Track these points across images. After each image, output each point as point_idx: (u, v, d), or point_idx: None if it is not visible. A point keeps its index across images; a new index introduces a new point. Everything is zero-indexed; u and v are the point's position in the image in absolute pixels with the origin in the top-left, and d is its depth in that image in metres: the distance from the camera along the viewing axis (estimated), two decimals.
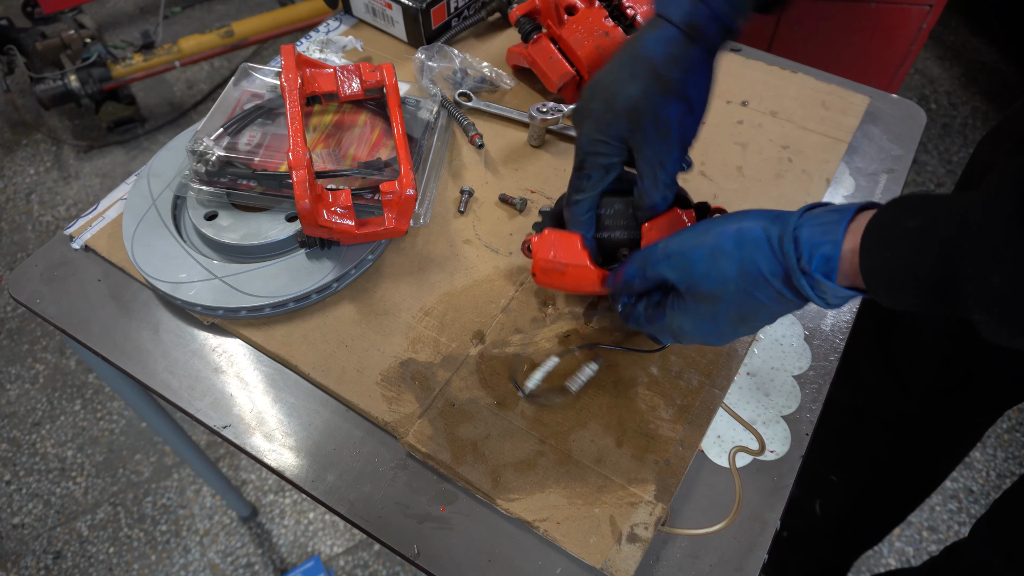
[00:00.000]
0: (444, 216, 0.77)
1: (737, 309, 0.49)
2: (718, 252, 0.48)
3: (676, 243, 0.51)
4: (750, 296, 0.48)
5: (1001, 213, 0.36)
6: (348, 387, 0.64)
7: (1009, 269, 0.36)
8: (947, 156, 2.14)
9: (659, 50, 0.54)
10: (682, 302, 0.52)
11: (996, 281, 0.36)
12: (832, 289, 0.44)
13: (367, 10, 0.99)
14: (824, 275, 0.44)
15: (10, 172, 2.14)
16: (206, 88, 2.36)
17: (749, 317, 0.49)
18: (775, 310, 0.48)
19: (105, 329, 0.70)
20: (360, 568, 1.40)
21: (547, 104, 0.83)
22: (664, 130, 0.55)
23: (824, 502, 1.14)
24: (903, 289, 0.41)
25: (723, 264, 0.48)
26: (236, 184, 0.71)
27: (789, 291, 0.46)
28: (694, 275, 0.50)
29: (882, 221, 0.42)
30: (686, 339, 0.55)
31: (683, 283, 0.51)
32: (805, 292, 0.45)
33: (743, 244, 0.47)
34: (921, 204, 0.41)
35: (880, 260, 0.42)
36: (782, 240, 0.45)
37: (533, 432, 0.61)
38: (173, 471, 1.54)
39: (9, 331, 1.78)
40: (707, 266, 0.49)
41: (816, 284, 0.44)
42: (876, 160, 0.85)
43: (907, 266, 0.40)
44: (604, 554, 0.54)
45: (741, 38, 0.98)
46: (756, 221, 0.48)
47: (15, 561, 1.44)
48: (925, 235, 0.40)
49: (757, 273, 0.47)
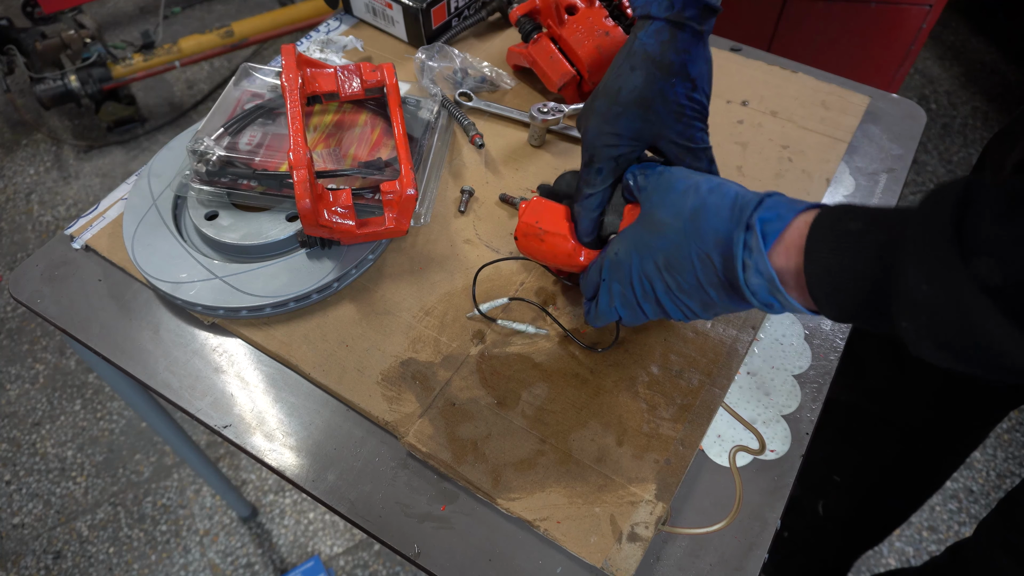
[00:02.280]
0: (444, 216, 0.77)
1: (667, 252, 0.50)
2: (692, 189, 0.50)
3: (673, 169, 0.54)
4: (684, 244, 0.48)
5: (938, 225, 0.36)
6: (348, 387, 0.64)
7: (938, 281, 0.36)
8: (947, 156, 2.14)
9: (651, 41, 0.56)
10: (632, 227, 0.53)
11: (925, 291, 0.36)
12: (759, 254, 0.44)
13: (367, 10, 0.99)
14: (763, 235, 0.44)
15: (10, 172, 2.14)
16: (206, 88, 2.36)
17: (674, 268, 0.50)
18: (698, 275, 0.48)
19: (105, 329, 0.70)
20: (360, 568, 1.40)
21: (547, 104, 0.83)
22: (678, 110, 0.57)
23: (827, 502, 1.14)
24: (843, 295, 0.42)
25: (688, 198, 0.49)
26: (237, 184, 0.71)
27: (718, 256, 0.46)
28: (665, 197, 0.51)
29: (824, 223, 0.43)
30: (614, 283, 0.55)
31: (653, 199, 0.52)
32: (734, 248, 0.45)
33: (715, 191, 0.49)
34: (864, 210, 0.42)
35: (822, 263, 0.42)
36: (749, 200, 0.47)
37: (533, 431, 0.61)
38: (173, 471, 1.54)
39: (9, 331, 1.78)
40: (676, 195, 0.50)
41: (751, 242, 0.44)
42: (876, 160, 0.85)
43: (846, 269, 0.41)
44: (604, 553, 0.54)
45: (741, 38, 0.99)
46: (740, 186, 0.49)
47: (15, 561, 1.44)
48: (864, 238, 0.40)
49: (705, 223, 0.47)
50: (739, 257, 0.45)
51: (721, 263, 0.47)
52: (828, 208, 0.44)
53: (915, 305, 0.37)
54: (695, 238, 0.48)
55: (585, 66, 0.83)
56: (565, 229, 0.60)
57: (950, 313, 0.36)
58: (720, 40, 0.99)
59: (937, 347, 0.38)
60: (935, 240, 0.36)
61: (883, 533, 1.18)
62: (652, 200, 0.52)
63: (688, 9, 0.55)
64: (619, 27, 0.83)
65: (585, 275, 0.60)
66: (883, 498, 1.10)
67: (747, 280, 0.45)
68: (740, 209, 0.46)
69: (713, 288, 0.48)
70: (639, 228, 0.53)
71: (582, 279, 0.61)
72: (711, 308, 0.51)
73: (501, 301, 0.68)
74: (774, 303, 0.46)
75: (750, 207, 0.46)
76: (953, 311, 0.36)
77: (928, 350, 0.39)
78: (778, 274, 0.44)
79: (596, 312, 0.58)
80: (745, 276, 0.45)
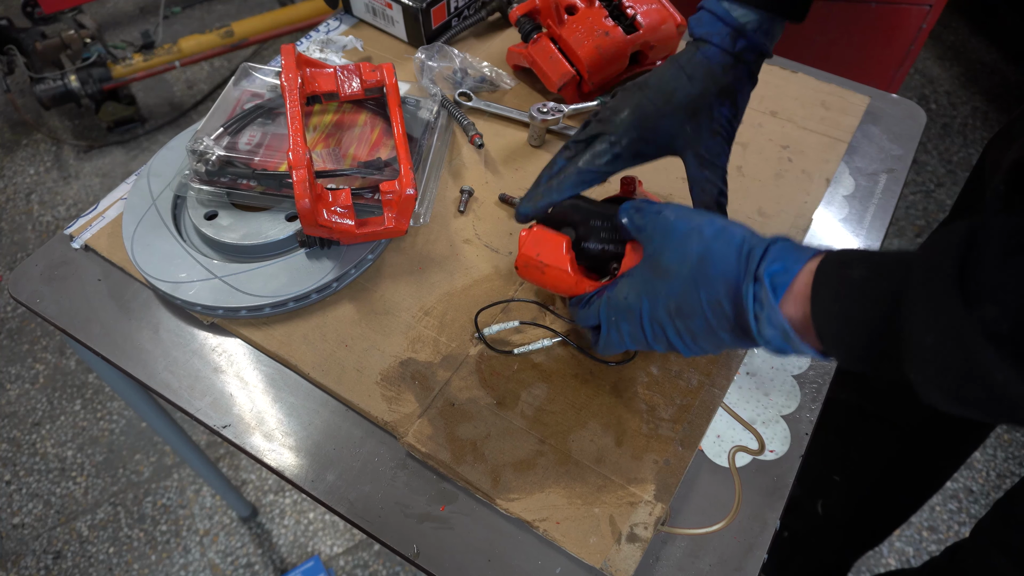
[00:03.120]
0: (444, 216, 0.77)
1: (678, 298, 0.49)
2: (695, 233, 0.49)
3: (671, 210, 0.52)
4: (695, 290, 0.48)
5: (941, 273, 0.36)
6: (348, 387, 0.64)
7: (942, 330, 0.35)
8: (947, 156, 2.14)
9: (714, 61, 0.58)
10: (638, 269, 0.53)
11: (930, 341, 0.36)
12: (771, 307, 0.43)
13: (367, 10, 0.99)
14: (772, 287, 0.44)
15: (10, 172, 2.14)
16: (206, 88, 2.36)
17: (684, 315, 0.49)
18: (709, 321, 0.48)
19: (105, 329, 0.70)
20: (360, 568, 1.40)
21: (547, 104, 0.83)
22: (716, 128, 0.58)
23: (826, 502, 1.14)
24: (851, 343, 0.41)
25: (692, 244, 0.49)
26: (236, 184, 0.71)
27: (728, 303, 0.46)
28: (667, 242, 0.50)
29: (828, 271, 0.42)
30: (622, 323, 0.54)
31: (654, 243, 0.51)
32: (745, 301, 0.44)
33: (719, 236, 0.48)
34: (867, 256, 0.42)
35: (828, 313, 0.42)
36: (755, 247, 0.46)
37: (533, 432, 0.61)
38: (173, 471, 1.54)
39: (9, 331, 1.78)
40: (679, 240, 0.50)
41: (761, 295, 0.44)
42: (876, 160, 0.85)
43: (852, 318, 0.40)
44: (604, 554, 0.54)
45: None
46: (743, 228, 0.48)
47: (15, 561, 1.44)
48: (867, 286, 0.40)
49: (711, 270, 0.47)
50: (751, 310, 0.45)
51: (733, 311, 0.46)
52: (831, 255, 0.43)
53: (922, 356, 0.37)
54: (704, 285, 0.47)
55: (585, 66, 0.83)
56: (566, 263, 0.59)
57: (958, 364, 0.35)
58: None
59: (947, 397, 0.37)
60: (938, 289, 0.35)
61: (883, 534, 1.18)
62: (655, 244, 0.52)
63: (748, 53, 0.59)
64: (619, 27, 0.83)
65: (584, 307, 0.58)
66: (883, 498, 1.09)
67: (760, 330, 0.45)
68: (747, 258, 0.46)
69: (725, 332, 0.48)
70: (646, 272, 0.52)
71: (579, 309, 0.59)
72: (722, 347, 0.51)
73: (512, 324, 0.67)
74: (787, 349, 0.45)
75: (756, 257, 0.45)
76: (961, 362, 0.35)
77: (938, 400, 0.38)
78: (790, 323, 0.44)
79: (605, 346, 0.57)
80: (758, 327, 0.45)
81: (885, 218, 0.79)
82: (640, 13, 0.84)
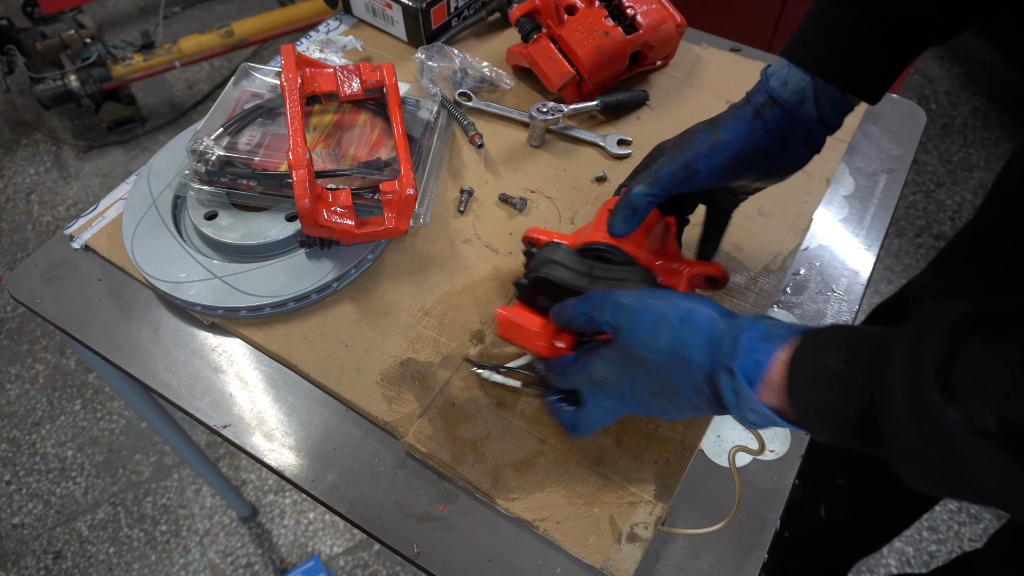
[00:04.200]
0: (444, 216, 0.77)
1: (658, 381, 0.48)
2: (661, 321, 0.47)
3: (630, 298, 0.50)
4: (673, 376, 0.47)
5: (918, 365, 0.34)
6: (348, 387, 0.64)
7: (926, 429, 0.34)
8: (947, 156, 2.14)
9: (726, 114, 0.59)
10: (613, 353, 0.51)
11: (915, 440, 0.34)
12: (749, 399, 0.42)
13: (367, 10, 0.99)
14: (747, 379, 0.42)
15: (10, 172, 2.14)
16: (206, 88, 2.36)
17: (667, 394, 0.48)
18: (692, 401, 0.47)
19: (105, 329, 0.70)
20: (360, 568, 1.40)
21: (547, 104, 0.83)
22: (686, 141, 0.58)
23: (829, 505, 1.13)
24: (837, 433, 0.40)
25: (661, 334, 0.47)
26: (236, 184, 0.71)
27: (708, 388, 0.45)
28: (633, 333, 0.49)
29: (803, 360, 0.41)
30: (602, 398, 0.52)
31: (621, 336, 0.50)
32: (723, 392, 0.43)
33: (686, 323, 0.46)
34: (841, 339, 0.40)
35: (807, 404, 0.40)
36: (724, 335, 0.44)
37: (533, 432, 0.61)
38: (173, 471, 1.54)
39: (9, 331, 1.78)
40: (647, 330, 0.48)
41: (738, 388, 0.43)
42: (876, 160, 0.85)
43: (832, 410, 0.39)
44: (604, 554, 0.54)
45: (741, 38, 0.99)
46: (709, 309, 0.47)
47: (15, 561, 1.44)
48: (844, 378, 0.38)
49: (686, 358, 0.46)
50: (730, 400, 0.44)
51: (713, 396, 0.45)
52: (806, 340, 0.42)
53: (907, 453, 0.36)
54: (681, 371, 0.46)
55: (585, 66, 0.83)
56: (544, 351, 0.57)
57: (945, 463, 0.34)
58: (720, 40, 0.99)
59: (937, 490, 0.36)
60: (918, 387, 0.34)
61: (884, 539, 1.18)
62: (622, 335, 0.49)
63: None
64: (619, 27, 0.83)
65: (561, 374, 0.55)
66: (886, 504, 1.09)
67: (744, 416, 0.44)
68: (716, 349, 0.44)
69: (712, 408, 0.47)
70: (621, 357, 0.50)
71: (552, 371, 0.56)
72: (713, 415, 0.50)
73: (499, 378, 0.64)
74: (777, 427, 0.45)
75: (726, 348, 0.44)
76: (948, 461, 0.33)
77: (928, 490, 0.37)
78: (771, 409, 0.42)
79: (582, 424, 0.55)
80: (741, 413, 0.44)
81: (885, 218, 0.79)
82: (640, 13, 0.84)
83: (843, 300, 0.72)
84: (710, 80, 0.92)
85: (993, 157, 2.13)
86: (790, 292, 0.72)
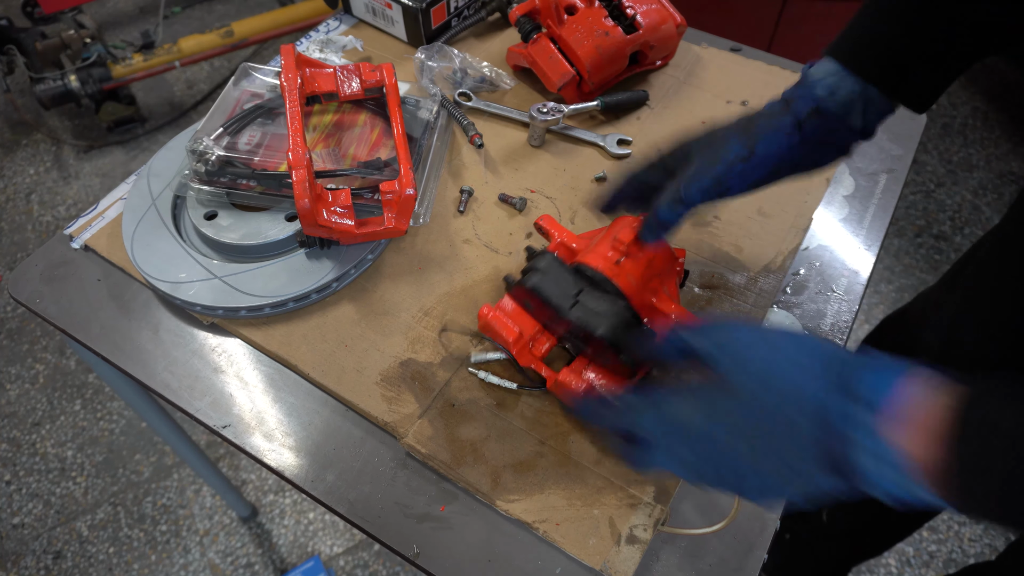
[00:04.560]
0: (444, 216, 0.77)
1: (752, 419, 0.40)
2: (769, 343, 0.42)
3: (725, 322, 0.45)
4: (775, 408, 0.39)
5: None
6: (348, 387, 0.64)
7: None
8: (947, 156, 2.14)
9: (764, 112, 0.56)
10: (704, 388, 0.43)
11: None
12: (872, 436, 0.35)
13: (367, 10, 0.99)
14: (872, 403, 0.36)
15: (10, 172, 2.14)
16: (206, 88, 2.36)
17: (755, 437, 0.40)
18: (786, 449, 0.39)
19: (105, 329, 0.70)
20: (360, 568, 1.40)
21: (547, 104, 0.83)
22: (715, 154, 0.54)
23: (831, 510, 1.13)
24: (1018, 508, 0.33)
25: (772, 354, 0.41)
26: (236, 184, 0.71)
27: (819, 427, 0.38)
28: (737, 355, 0.42)
29: (976, 415, 0.33)
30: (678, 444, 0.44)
31: (722, 362, 0.43)
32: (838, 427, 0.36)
33: (801, 346, 0.41)
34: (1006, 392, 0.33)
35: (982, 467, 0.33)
36: (838, 358, 0.39)
37: (533, 433, 0.61)
38: (173, 471, 1.54)
39: (9, 331, 1.78)
40: (756, 351, 0.42)
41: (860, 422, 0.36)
42: (876, 160, 0.85)
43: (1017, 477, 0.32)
44: (603, 555, 0.54)
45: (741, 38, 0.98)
46: (811, 337, 0.42)
47: (15, 561, 1.44)
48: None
49: (799, 381, 0.39)
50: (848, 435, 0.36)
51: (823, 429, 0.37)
52: (974, 391, 0.34)
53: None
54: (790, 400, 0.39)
55: (585, 66, 0.83)
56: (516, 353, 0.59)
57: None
58: (720, 40, 0.98)
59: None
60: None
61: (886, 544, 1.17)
62: (720, 361, 0.43)
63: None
64: (619, 27, 0.83)
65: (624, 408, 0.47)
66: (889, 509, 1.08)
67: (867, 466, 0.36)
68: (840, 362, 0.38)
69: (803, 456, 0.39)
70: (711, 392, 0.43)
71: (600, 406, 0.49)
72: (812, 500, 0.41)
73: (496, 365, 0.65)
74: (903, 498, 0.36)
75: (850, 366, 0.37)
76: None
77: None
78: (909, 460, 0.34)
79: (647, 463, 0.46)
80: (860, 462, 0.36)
81: (885, 218, 0.79)
82: (640, 13, 0.84)
83: (843, 300, 0.72)
84: (710, 80, 0.92)
85: (993, 157, 2.13)
86: (790, 292, 0.72)
